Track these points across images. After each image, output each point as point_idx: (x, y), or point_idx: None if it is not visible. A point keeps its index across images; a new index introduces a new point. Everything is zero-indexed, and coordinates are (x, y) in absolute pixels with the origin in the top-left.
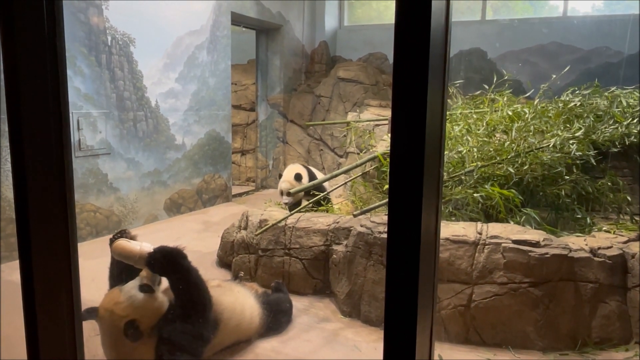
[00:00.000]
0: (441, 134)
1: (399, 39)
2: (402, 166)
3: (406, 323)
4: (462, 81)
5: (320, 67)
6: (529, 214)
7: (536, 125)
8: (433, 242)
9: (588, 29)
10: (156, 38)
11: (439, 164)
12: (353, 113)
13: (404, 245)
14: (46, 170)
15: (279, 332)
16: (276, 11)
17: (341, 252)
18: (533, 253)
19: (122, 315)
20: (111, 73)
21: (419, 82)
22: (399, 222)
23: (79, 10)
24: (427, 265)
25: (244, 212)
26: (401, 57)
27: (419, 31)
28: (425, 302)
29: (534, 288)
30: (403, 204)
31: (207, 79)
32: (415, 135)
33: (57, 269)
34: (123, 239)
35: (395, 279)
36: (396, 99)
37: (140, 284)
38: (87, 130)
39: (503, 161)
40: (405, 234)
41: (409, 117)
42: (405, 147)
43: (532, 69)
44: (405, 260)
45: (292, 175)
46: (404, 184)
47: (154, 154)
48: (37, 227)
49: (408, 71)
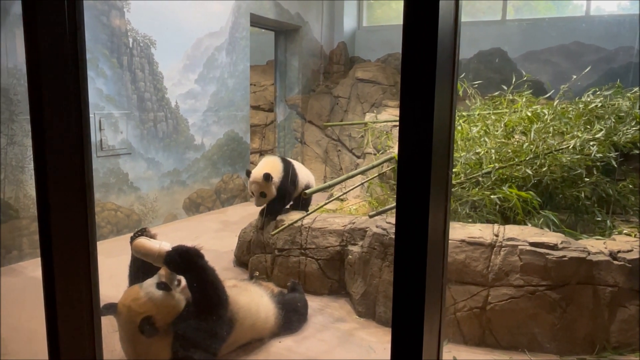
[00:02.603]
0: (450, 135)
1: (407, 40)
2: (409, 167)
3: (413, 323)
4: (480, 81)
5: (338, 67)
6: (547, 216)
7: (556, 126)
8: (441, 243)
9: (612, 28)
10: (176, 40)
11: (448, 165)
12: (371, 114)
13: (411, 246)
14: (67, 169)
15: (294, 331)
16: (295, 12)
17: (357, 252)
18: (550, 256)
19: (139, 311)
20: (132, 74)
21: (427, 83)
22: (406, 222)
23: (101, 13)
24: (435, 265)
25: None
26: (409, 57)
27: (426, 32)
28: (433, 303)
29: (551, 291)
30: (410, 204)
31: (226, 80)
32: (422, 136)
33: (77, 266)
34: (143, 237)
35: (403, 278)
36: (404, 100)
37: (158, 281)
38: (108, 130)
39: (521, 163)
40: (412, 234)
41: (416, 118)
42: (412, 148)
43: (553, 69)
44: (412, 261)
45: (261, 175)
46: (411, 184)
47: (173, 154)
48: (58, 225)
49: (415, 72)
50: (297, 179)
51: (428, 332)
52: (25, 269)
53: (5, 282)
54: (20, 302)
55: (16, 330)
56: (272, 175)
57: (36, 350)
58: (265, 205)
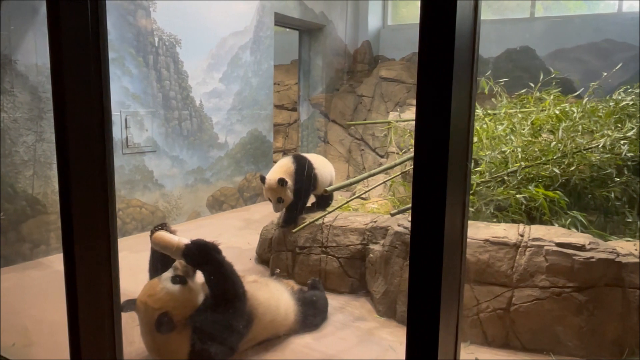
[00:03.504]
0: (468, 133)
1: (424, 38)
2: (426, 165)
3: (429, 322)
4: (507, 79)
5: (362, 66)
6: (575, 217)
7: (585, 124)
8: (459, 241)
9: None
10: (201, 39)
11: (466, 163)
12: (394, 113)
13: (427, 244)
14: (89, 165)
15: (314, 329)
16: (319, 11)
17: (378, 251)
18: (577, 257)
19: (156, 307)
20: (158, 73)
21: (444, 81)
22: (422, 221)
23: (128, 13)
24: (452, 264)
25: (284, 210)
26: (426, 56)
27: (443, 30)
28: (450, 302)
29: (578, 293)
30: (426, 202)
31: (250, 79)
32: (439, 134)
33: (98, 260)
34: (163, 230)
35: (418, 277)
36: (420, 98)
37: (173, 275)
38: (134, 128)
39: (548, 162)
40: (428, 232)
41: (432, 116)
42: (428, 146)
43: (583, 67)
44: (428, 259)
45: (276, 181)
46: (428, 182)
47: (197, 152)
48: (79, 220)
49: (432, 71)
50: (316, 177)
51: (444, 331)
52: (52, 263)
53: (32, 275)
54: (46, 295)
55: (41, 322)
56: (287, 179)
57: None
58: (284, 210)
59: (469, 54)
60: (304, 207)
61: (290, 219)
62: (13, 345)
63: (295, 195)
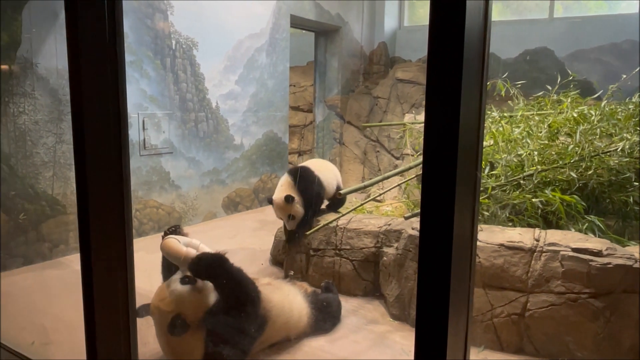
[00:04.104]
0: (478, 137)
1: (433, 40)
2: (435, 169)
3: (437, 325)
4: (524, 81)
5: (378, 68)
6: (593, 222)
7: (603, 127)
8: (468, 246)
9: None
10: (218, 41)
11: (476, 167)
12: (410, 114)
13: (435, 248)
14: (105, 168)
15: (327, 331)
16: (335, 13)
17: (392, 254)
18: (594, 262)
19: (168, 310)
20: (175, 76)
21: (453, 83)
22: (430, 225)
23: (145, 16)
24: (461, 268)
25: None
26: (435, 57)
27: (453, 31)
28: (459, 306)
29: (595, 299)
30: (435, 207)
31: (265, 81)
32: (448, 138)
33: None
34: (173, 237)
35: (427, 280)
36: (429, 101)
37: (181, 276)
38: (151, 130)
39: (566, 165)
40: (437, 236)
41: (441, 119)
42: (437, 150)
43: (603, 68)
44: (437, 263)
45: (282, 199)
46: (436, 186)
47: (213, 154)
48: (95, 222)
49: (441, 72)
50: (320, 182)
51: (453, 335)
52: (71, 262)
53: (52, 274)
54: (65, 294)
55: (59, 320)
56: (293, 195)
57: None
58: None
59: (479, 55)
60: (315, 215)
61: (301, 233)
62: (32, 344)
63: (306, 208)
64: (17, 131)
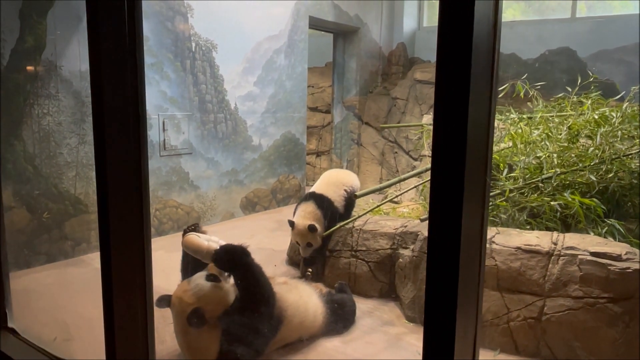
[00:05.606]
0: (488, 139)
1: (442, 40)
2: (443, 171)
3: (445, 328)
4: (544, 82)
5: (397, 69)
6: (613, 225)
7: (625, 130)
8: (477, 248)
9: None
10: (237, 43)
11: (485, 169)
12: (428, 115)
13: (443, 250)
14: (125, 168)
15: (341, 332)
16: (354, 14)
17: (407, 256)
18: (613, 267)
19: (189, 302)
20: (194, 77)
21: (461, 84)
22: (438, 227)
23: (166, 19)
24: (470, 271)
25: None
26: (443, 58)
27: (460, 31)
28: (467, 308)
29: (613, 304)
30: (443, 207)
31: (284, 82)
32: (456, 141)
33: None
34: (194, 233)
35: (435, 282)
36: (437, 102)
37: (207, 273)
38: (171, 131)
39: (585, 168)
40: (445, 239)
41: (450, 121)
42: (445, 151)
43: (627, 69)
44: (445, 265)
45: (307, 227)
46: (445, 188)
47: (232, 154)
48: (115, 221)
49: (449, 73)
50: (337, 213)
51: (462, 338)
52: (92, 261)
53: (74, 272)
54: (86, 292)
55: (81, 317)
56: (317, 226)
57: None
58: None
59: (489, 56)
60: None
61: (315, 259)
62: (54, 340)
63: (324, 240)
64: (41, 132)
